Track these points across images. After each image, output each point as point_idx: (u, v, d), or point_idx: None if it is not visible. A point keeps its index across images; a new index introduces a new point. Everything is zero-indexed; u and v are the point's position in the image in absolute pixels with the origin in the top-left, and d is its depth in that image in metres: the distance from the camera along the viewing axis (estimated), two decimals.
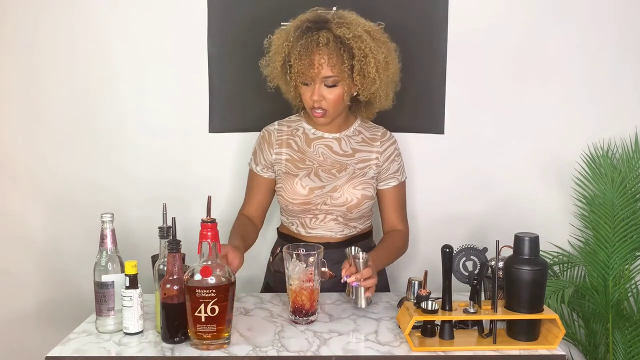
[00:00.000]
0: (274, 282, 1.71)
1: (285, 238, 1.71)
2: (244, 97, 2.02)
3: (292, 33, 1.55)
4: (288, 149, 1.67)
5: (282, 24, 1.78)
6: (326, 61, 1.50)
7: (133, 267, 1.30)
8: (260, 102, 2.00)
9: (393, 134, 1.76)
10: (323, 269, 1.49)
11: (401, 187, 1.72)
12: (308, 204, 1.62)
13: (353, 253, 1.44)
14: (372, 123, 1.76)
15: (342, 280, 1.42)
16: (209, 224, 1.25)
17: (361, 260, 1.39)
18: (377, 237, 1.79)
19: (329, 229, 1.65)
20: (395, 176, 1.70)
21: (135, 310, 1.30)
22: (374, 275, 1.43)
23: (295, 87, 1.60)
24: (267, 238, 1.99)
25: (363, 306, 1.45)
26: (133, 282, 1.30)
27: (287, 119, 1.74)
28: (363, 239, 1.72)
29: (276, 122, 1.72)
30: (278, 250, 1.71)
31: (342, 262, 1.51)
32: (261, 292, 1.78)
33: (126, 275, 1.29)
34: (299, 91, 1.60)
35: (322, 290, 1.46)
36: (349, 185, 1.63)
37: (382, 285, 1.74)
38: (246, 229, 1.65)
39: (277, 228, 1.78)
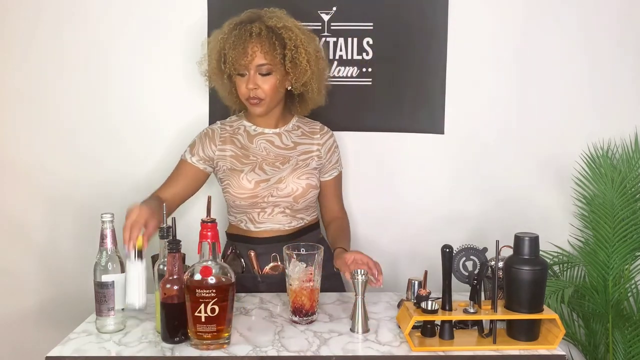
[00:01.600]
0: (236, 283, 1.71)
1: (235, 238, 1.73)
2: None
3: (226, 28, 1.62)
4: (232, 146, 1.70)
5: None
6: (259, 49, 1.57)
7: (139, 240, 1.33)
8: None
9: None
10: (277, 263, 1.58)
11: (339, 177, 1.81)
12: (255, 197, 1.64)
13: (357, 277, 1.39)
14: (308, 119, 1.80)
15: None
16: (209, 224, 1.25)
17: (360, 280, 1.36)
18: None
19: (277, 222, 1.68)
20: (336, 167, 1.78)
21: (140, 283, 1.32)
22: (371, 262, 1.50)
23: (230, 83, 1.66)
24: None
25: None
26: (139, 255, 1.32)
27: (227, 119, 1.77)
28: (311, 231, 1.75)
29: (218, 122, 1.77)
30: (229, 252, 1.73)
31: None
32: None
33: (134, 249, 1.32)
34: (234, 86, 1.65)
35: (322, 290, 1.46)
36: (293, 176, 1.67)
37: (338, 285, 1.75)
38: (159, 200, 1.56)
39: (225, 231, 1.79)
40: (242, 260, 1.69)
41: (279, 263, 1.65)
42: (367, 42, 1.99)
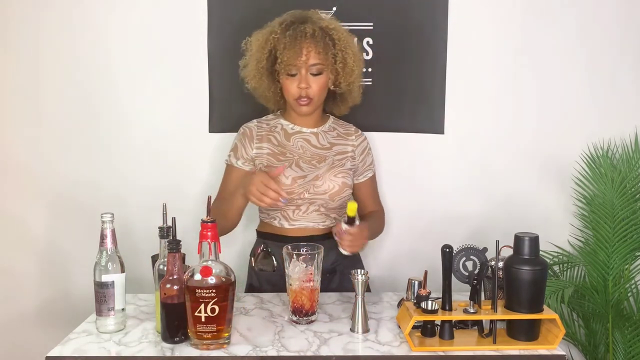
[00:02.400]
0: (259, 281, 1.73)
1: (267, 236, 1.73)
2: (244, 97, 2.01)
3: (276, 28, 1.64)
4: (269, 144, 1.71)
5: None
6: (313, 49, 1.60)
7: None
8: (260, 102, 2.00)
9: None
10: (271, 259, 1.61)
11: (374, 178, 1.84)
12: (291, 194, 1.64)
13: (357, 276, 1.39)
14: (342, 121, 1.82)
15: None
16: (209, 224, 1.25)
17: (360, 280, 1.36)
18: None
19: (312, 220, 1.68)
20: (371, 168, 1.81)
21: None
22: (357, 237, 1.53)
23: (276, 84, 1.68)
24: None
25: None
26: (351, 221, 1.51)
27: (264, 117, 1.79)
28: None
29: (255, 120, 1.78)
30: (259, 250, 1.73)
31: (326, 255, 1.55)
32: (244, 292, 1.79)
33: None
34: (282, 85, 1.67)
35: (322, 290, 1.46)
36: (330, 174, 1.68)
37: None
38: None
39: (256, 229, 1.79)
40: (274, 258, 1.69)
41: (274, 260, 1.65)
42: (367, 42, 1.99)
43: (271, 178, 1.50)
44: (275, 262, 1.69)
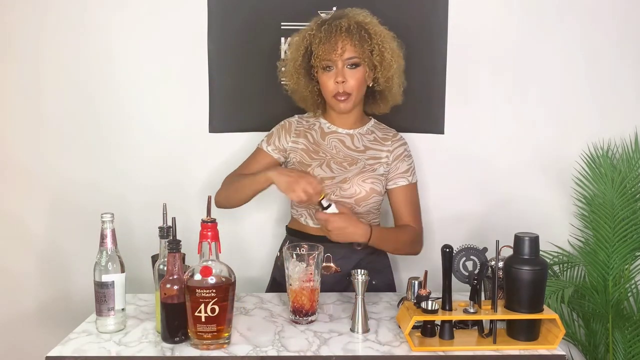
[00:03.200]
0: (281, 276, 1.72)
1: (293, 233, 1.74)
2: (244, 97, 2.02)
3: (313, 25, 1.64)
4: (305, 140, 1.72)
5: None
6: (349, 42, 1.59)
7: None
8: (260, 102, 2.00)
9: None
10: (329, 264, 1.51)
11: (411, 188, 1.72)
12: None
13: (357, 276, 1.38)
14: (385, 125, 1.79)
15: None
16: (209, 224, 1.25)
17: (360, 280, 1.36)
18: None
19: None
20: (405, 176, 1.71)
21: None
22: (337, 221, 1.51)
23: (313, 82, 1.67)
24: (270, 237, 2.00)
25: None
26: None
27: (306, 114, 1.79)
28: None
29: (296, 115, 1.79)
30: (284, 249, 1.71)
31: (347, 257, 1.58)
32: (267, 288, 1.80)
33: None
34: (319, 83, 1.65)
35: (323, 289, 1.46)
36: (359, 178, 1.66)
37: (387, 288, 1.74)
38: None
39: (287, 225, 1.81)
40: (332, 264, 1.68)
41: (332, 264, 1.56)
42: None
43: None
44: (333, 266, 1.62)
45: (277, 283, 1.74)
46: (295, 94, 1.75)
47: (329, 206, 1.53)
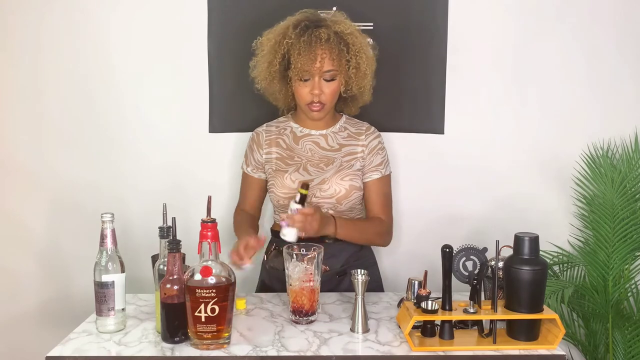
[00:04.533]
0: (269, 279, 1.74)
1: (279, 236, 1.71)
2: (244, 97, 2.02)
3: (290, 31, 1.60)
4: (277, 148, 1.72)
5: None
6: (328, 56, 1.58)
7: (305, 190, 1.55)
8: (260, 102, 1.99)
9: (379, 131, 1.80)
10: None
11: (384, 181, 1.73)
12: None
13: (358, 276, 1.38)
14: (356, 119, 1.80)
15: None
16: (209, 224, 1.25)
17: (360, 280, 1.36)
18: None
19: None
20: (378, 169, 1.72)
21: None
22: (309, 218, 1.49)
23: (287, 86, 1.66)
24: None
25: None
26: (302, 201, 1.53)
27: (275, 120, 1.79)
28: None
29: (264, 124, 1.79)
30: (272, 248, 1.73)
31: (336, 256, 1.60)
32: (256, 290, 1.79)
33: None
34: (293, 90, 1.65)
35: (323, 290, 1.46)
36: (337, 177, 1.67)
37: (375, 284, 1.75)
38: (250, 221, 1.73)
39: (271, 227, 1.81)
40: None
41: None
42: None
43: (252, 246, 1.49)
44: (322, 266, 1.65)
45: (266, 286, 1.74)
46: (266, 93, 1.76)
47: (302, 200, 1.55)
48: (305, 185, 1.55)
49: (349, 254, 1.67)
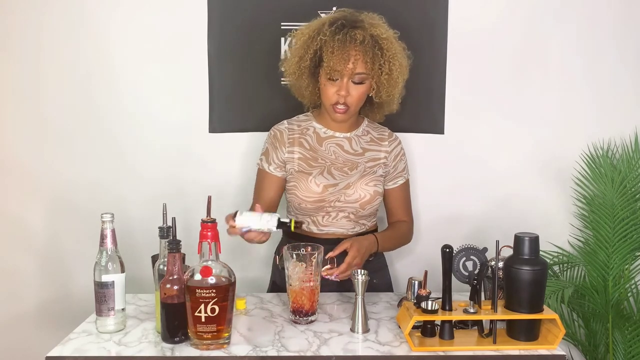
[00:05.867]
0: (281, 279, 1.72)
1: (295, 237, 1.69)
2: (244, 97, 2.02)
3: (326, 28, 1.56)
4: (300, 148, 1.67)
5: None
6: (361, 58, 1.54)
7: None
8: (260, 101, 2.00)
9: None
10: (328, 265, 1.49)
11: (407, 185, 1.77)
12: (322, 202, 1.62)
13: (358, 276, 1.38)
14: (377, 124, 1.78)
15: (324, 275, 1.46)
16: (209, 224, 1.25)
17: (360, 280, 1.36)
18: None
19: (341, 226, 1.66)
20: (403, 175, 1.74)
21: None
22: (356, 261, 1.48)
23: (315, 84, 1.63)
24: (273, 238, 2.00)
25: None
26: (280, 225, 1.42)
27: (295, 118, 1.74)
28: None
29: (285, 121, 1.72)
30: (283, 249, 1.71)
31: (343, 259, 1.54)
32: (268, 290, 1.79)
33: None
34: (320, 88, 1.61)
35: (323, 290, 1.46)
36: (362, 182, 1.65)
37: (386, 286, 1.76)
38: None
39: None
40: None
41: (335, 266, 1.52)
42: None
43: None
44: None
45: (277, 286, 1.73)
46: (293, 88, 1.72)
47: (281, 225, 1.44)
48: (299, 224, 1.46)
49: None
